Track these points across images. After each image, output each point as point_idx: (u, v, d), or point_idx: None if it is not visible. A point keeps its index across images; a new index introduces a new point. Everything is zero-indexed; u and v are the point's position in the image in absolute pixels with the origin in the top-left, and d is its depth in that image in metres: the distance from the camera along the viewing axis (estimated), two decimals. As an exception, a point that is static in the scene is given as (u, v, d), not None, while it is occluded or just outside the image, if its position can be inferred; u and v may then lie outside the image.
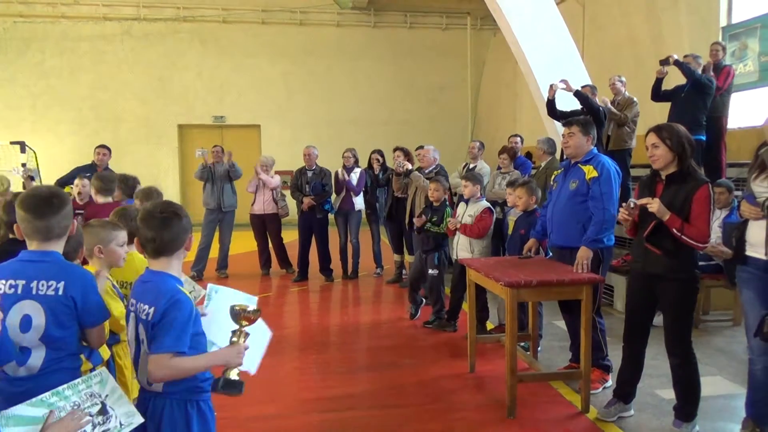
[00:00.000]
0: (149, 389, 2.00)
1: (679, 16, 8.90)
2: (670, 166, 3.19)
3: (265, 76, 14.78)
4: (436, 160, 6.46)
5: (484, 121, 15.60)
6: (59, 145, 13.74)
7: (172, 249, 2.02)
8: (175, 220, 2.01)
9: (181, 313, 1.92)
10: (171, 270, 2.04)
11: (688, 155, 3.16)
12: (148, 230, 2.00)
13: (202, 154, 8.08)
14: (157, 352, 1.89)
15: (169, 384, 1.96)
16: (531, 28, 8.32)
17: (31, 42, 13.79)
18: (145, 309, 1.95)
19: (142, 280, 2.07)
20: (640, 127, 7.08)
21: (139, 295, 2.02)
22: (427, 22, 15.47)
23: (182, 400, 1.99)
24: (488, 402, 3.87)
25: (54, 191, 2.17)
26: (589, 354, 3.58)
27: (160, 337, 1.90)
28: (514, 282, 3.46)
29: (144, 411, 1.98)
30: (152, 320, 1.92)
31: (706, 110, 6.39)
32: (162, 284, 1.97)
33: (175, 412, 1.97)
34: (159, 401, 1.98)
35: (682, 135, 3.17)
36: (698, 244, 3.08)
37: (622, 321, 5.52)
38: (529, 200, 4.73)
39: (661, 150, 3.16)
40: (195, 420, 2.00)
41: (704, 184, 3.12)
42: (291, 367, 4.54)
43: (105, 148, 7.36)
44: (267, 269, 8.18)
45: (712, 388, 3.79)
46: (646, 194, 3.27)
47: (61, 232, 2.11)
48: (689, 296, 3.22)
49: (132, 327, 2.03)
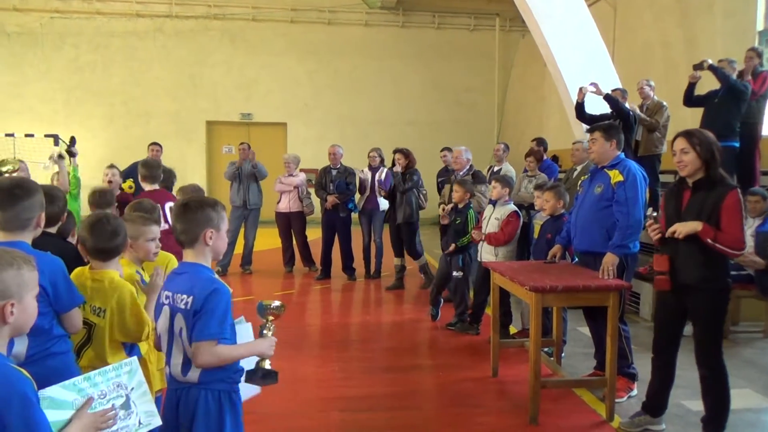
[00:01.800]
0: (183, 380, 2.03)
1: (715, 20, 8.70)
2: (697, 172, 3.11)
3: (293, 75, 14.88)
4: (469, 161, 6.38)
5: (510, 124, 15.48)
6: (91, 139, 14.01)
7: (198, 239, 2.08)
8: (204, 210, 2.09)
9: (221, 301, 1.99)
10: (205, 262, 2.10)
11: (717, 163, 3.09)
12: (177, 222, 2.09)
13: (229, 150, 8.23)
14: (202, 339, 1.95)
15: (206, 375, 2.00)
16: (561, 29, 8.23)
17: (67, 37, 14.10)
18: (183, 298, 2.01)
19: (175, 272, 2.14)
20: (671, 133, 6.95)
21: (175, 286, 2.07)
22: (456, 22, 15.40)
23: (216, 390, 2.03)
24: (510, 407, 3.83)
25: (18, 182, 2.19)
26: (614, 361, 3.53)
27: (203, 324, 1.96)
28: (540, 287, 3.42)
29: (175, 403, 2.02)
30: (192, 308, 1.98)
31: (740, 116, 6.25)
32: (199, 274, 2.05)
33: (210, 404, 2.02)
34: (193, 392, 2.02)
35: (711, 142, 3.10)
36: (734, 251, 3.00)
37: (647, 329, 5.45)
38: (556, 204, 4.68)
39: (691, 156, 3.09)
40: (228, 411, 2.04)
41: (732, 189, 3.04)
42: (312, 365, 4.56)
43: (157, 145, 7.78)
44: (290, 267, 8.24)
45: (741, 401, 3.70)
46: (673, 203, 3.20)
47: (25, 223, 2.12)
48: (721, 306, 3.14)
49: (166, 319, 2.07)
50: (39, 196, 2.16)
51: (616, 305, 3.49)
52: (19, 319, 1.58)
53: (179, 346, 2.03)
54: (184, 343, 2.01)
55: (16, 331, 1.62)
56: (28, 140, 12.34)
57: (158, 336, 2.13)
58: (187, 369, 2.01)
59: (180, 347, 2.02)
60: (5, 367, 1.49)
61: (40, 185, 2.33)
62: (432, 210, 7.25)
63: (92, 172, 12.09)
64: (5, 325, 1.56)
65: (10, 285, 1.55)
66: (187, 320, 1.99)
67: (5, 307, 1.54)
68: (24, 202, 2.10)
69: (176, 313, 2.03)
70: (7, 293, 1.55)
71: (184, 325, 2.00)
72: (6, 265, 1.56)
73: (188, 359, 2.01)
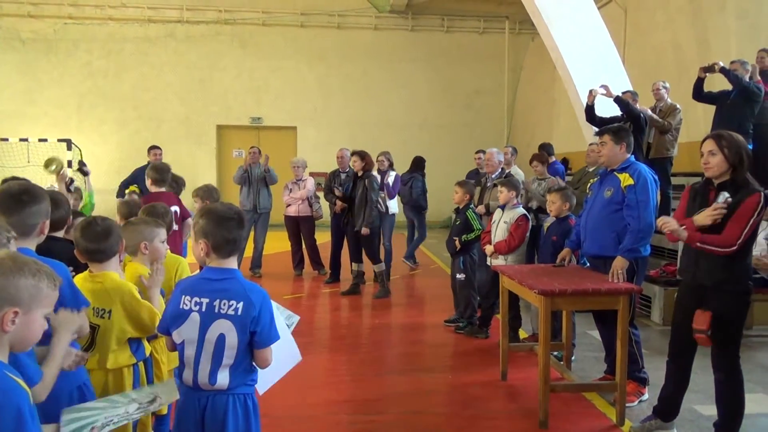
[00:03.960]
0: (210, 388, 2.04)
1: (727, 21, 8.63)
2: (723, 174, 3.07)
3: (302, 79, 14.95)
4: (501, 163, 6.23)
5: (520, 127, 15.43)
6: (103, 143, 14.18)
7: (241, 248, 2.21)
8: (242, 222, 2.16)
9: (271, 307, 2.10)
10: (235, 267, 2.16)
11: (745, 167, 3.05)
12: (228, 232, 2.09)
13: (239, 154, 8.38)
14: (270, 343, 2.07)
15: (236, 379, 2.06)
16: (571, 32, 8.20)
17: (80, 43, 14.26)
18: (233, 304, 2.03)
19: (207, 278, 2.11)
20: (683, 135, 6.90)
21: (213, 292, 2.06)
22: (465, 26, 15.40)
23: (242, 394, 2.09)
24: (520, 411, 3.81)
25: (26, 188, 2.19)
26: (625, 365, 3.50)
27: (269, 329, 2.06)
28: (549, 290, 3.41)
29: (201, 410, 2.04)
30: (246, 314, 2.02)
31: (753, 118, 6.19)
32: (241, 280, 2.11)
33: (238, 407, 2.07)
34: (220, 399, 2.05)
35: (741, 146, 3.05)
36: (722, 249, 2.95)
37: (658, 333, 5.41)
38: (562, 206, 4.65)
39: (718, 158, 3.04)
40: (252, 413, 2.11)
41: (756, 192, 2.99)
42: (322, 368, 4.56)
43: (158, 149, 7.93)
44: (300, 270, 8.26)
45: (754, 406, 3.66)
46: (698, 201, 3.16)
47: (30, 229, 2.11)
48: (740, 309, 3.09)
49: (194, 326, 2.05)
50: (45, 203, 2.17)
51: (626, 309, 3.46)
52: (21, 332, 1.49)
53: (209, 353, 2.03)
54: (224, 350, 2.02)
55: (16, 345, 1.52)
56: (41, 145, 12.51)
57: (177, 343, 2.10)
58: (215, 376, 2.03)
59: (210, 354, 2.02)
60: (4, 378, 1.43)
61: (47, 191, 2.35)
62: (438, 213, 7.21)
63: (105, 176, 12.26)
64: (4, 334, 1.46)
65: (22, 293, 1.47)
66: (239, 326, 2.02)
67: (7, 315, 1.44)
68: (30, 208, 2.11)
69: (216, 319, 2.03)
70: (14, 300, 1.45)
71: (234, 331, 2.01)
72: (27, 273, 1.49)
73: (217, 366, 2.02)
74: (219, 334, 2.02)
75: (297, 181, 8.14)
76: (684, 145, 6.90)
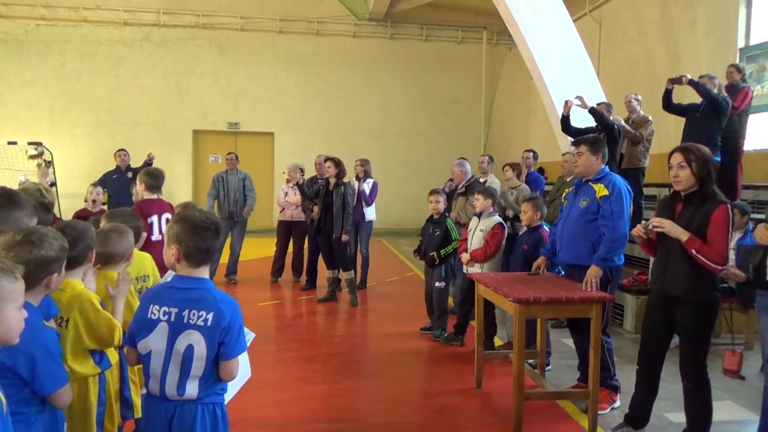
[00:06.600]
0: (178, 398, 2.01)
1: (697, 37, 8.86)
2: (691, 187, 3.15)
3: (281, 85, 14.90)
4: (465, 173, 6.26)
5: (496, 136, 15.59)
6: (75, 147, 13.92)
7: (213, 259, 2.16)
8: (218, 233, 2.13)
9: (240, 316, 2.06)
10: (206, 277, 2.12)
11: (712, 180, 3.12)
12: (202, 241, 2.05)
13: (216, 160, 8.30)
14: (237, 354, 2.04)
15: (205, 389, 2.03)
16: (547, 44, 8.33)
17: (53, 45, 14.00)
18: (203, 315, 1.99)
19: (176, 287, 2.07)
20: (655, 147, 7.04)
21: (183, 302, 2.02)
22: (443, 35, 15.53)
23: (211, 404, 2.06)
24: (494, 419, 3.83)
25: (2, 192, 2.16)
26: (597, 373, 3.54)
27: (236, 340, 2.02)
28: (524, 298, 3.44)
29: (168, 420, 2.00)
30: (216, 324, 1.99)
31: (721, 130, 6.34)
32: (212, 290, 2.07)
33: (207, 417, 2.04)
34: (188, 408, 2.02)
35: (708, 159, 3.13)
36: (714, 265, 3.02)
37: (631, 341, 5.48)
38: (533, 215, 4.71)
39: (686, 172, 3.11)
40: (221, 422, 2.08)
41: (722, 204, 3.07)
42: (296, 375, 4.52)
43: (124, 151, 7.95)
44: (276, 277, 8.19)
45: (722, 413, 3.73)
46: (666, 214, 3.23)
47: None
48: (708, 319, 3.16)
49: (162, 336, 2.01)
50: (22, 211, 2.14)
51: (599, 317, 3.51)
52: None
53: (177, 364, 1.99)
54: (192, 361, 1.98)
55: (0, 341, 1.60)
56: (11, 148, 12.21)
57: (143, 354, 2.05)
58: (184, 387, 2.00)
59: (178, 365, 1.99)
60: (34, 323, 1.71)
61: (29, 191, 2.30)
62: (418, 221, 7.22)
63: (77, 181, 12.05)
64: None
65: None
66: (208, 337, 1.98)
67: None
68: (9, 213, 2.08)
69: (185, 329, 1.99)
70: None
71: (203, 342, 1.98)
72: None
73: (186, 377, 1.99)
74: (187, 344, 1.98)
75: (294, 186, 8.05)
76: (656, 156, 7.04)
